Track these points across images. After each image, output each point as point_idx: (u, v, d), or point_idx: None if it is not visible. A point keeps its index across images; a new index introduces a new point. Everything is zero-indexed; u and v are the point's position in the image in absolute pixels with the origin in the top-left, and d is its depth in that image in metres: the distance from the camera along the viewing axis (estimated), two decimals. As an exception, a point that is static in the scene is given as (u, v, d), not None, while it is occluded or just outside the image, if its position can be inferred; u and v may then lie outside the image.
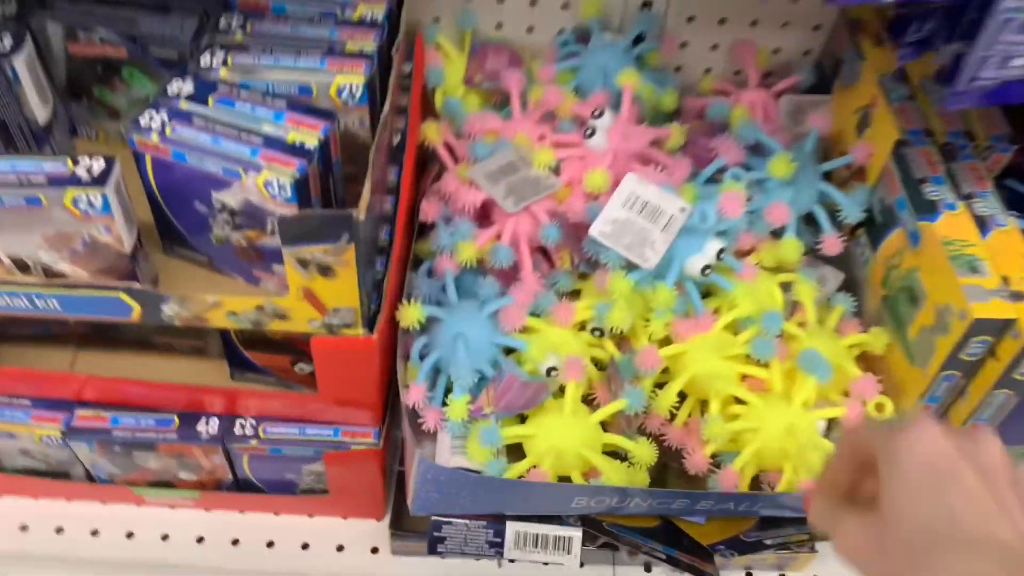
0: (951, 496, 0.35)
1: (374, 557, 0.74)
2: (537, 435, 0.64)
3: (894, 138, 0.69)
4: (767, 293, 0.70)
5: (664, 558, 0.66)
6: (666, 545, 0.67)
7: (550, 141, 0.72)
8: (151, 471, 0.71)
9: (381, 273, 0.63)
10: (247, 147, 0.54)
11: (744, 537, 0.68)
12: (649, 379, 0.68)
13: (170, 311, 0.58)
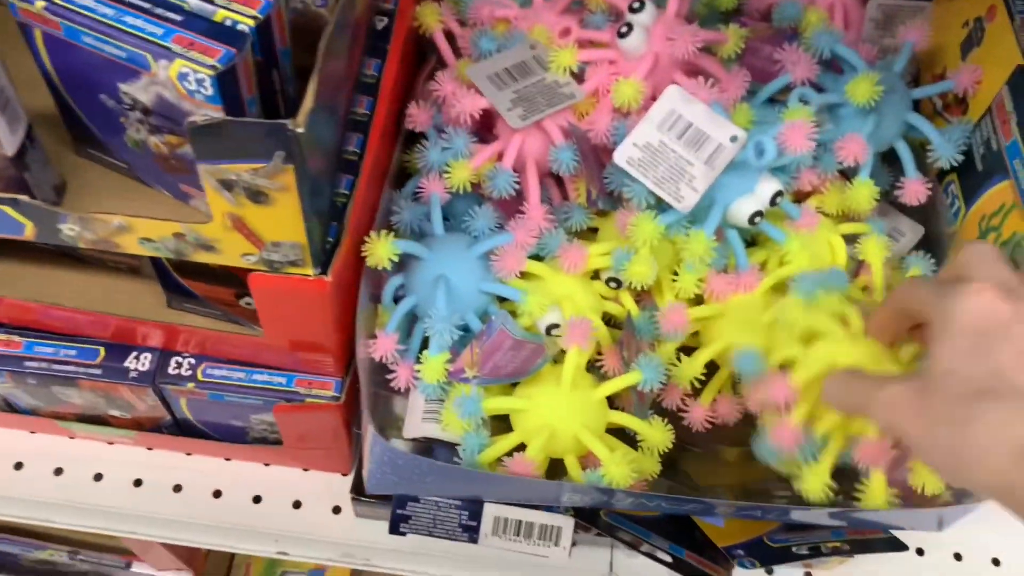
0: (1001, 352, 0.35)
1: (335, 518, 0.64)
2: (528, 409, 0.52)
3: (1014, 62, 0.54)
4: (827, 247, 0.57)
5: (670, 560, 0.55)
6: (673, 543, 0.56)
7: (575, 38, 0.58)
8: (76, 406, 0.61)
9: (347, 196, 0.50)
10: (159, 26, 0.41)
11: (769, 541, 0.56)
12: (672, 344, 0.55)
13: (70, 231, 0.46)
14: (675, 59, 0.55)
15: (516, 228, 0.54)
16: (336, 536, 0.63)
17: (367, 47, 0.55)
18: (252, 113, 0.43)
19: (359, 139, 0.52)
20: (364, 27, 0.54)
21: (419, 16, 0.59)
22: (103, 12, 0.41)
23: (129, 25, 0.41)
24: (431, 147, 0.56)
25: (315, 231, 0.45)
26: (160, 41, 0.40)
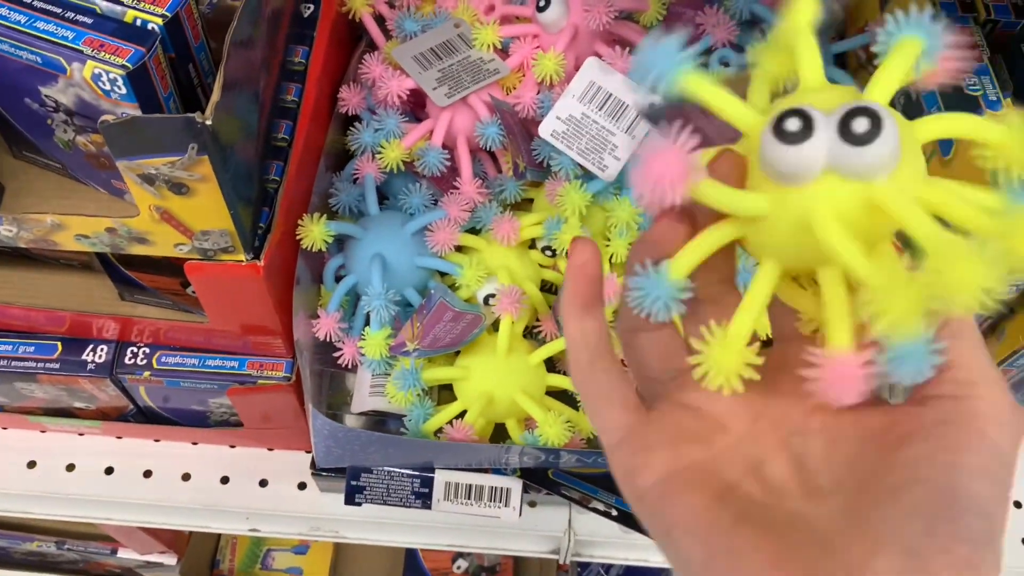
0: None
1: (301, 493, 0.66)
2: (466, 377, 0.54)
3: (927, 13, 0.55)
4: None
5: (616, 514, 0.57)
6: (619, 497, 0.58)
7: (499, 14, 0.59)
8: (42, 400, 0.63)
9: (277, 181, 0.52)
10: (70, 30, 0.42)
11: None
12: (609, 308, 0.57)
13: (7, 232, 0.48)
14: (595, 30, 0.56)
15: (448, 204, 0.55)
16: (303, 511, 0.66)
17: (293, 35, 0.56)
18: (171, 108, 0.45)
19: (288, 125, 0.54)
20: (287, 15, 0.55)
21: (347, 0, 0.61)
22: (15, 19, 0.42)
23: (41, 30, 0.42)
24: (364, 129, 0.58)
25: (244, 217, 0.47)
26: (72, 44, 0.42)
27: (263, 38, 0.50)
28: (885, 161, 0.23)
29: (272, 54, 0.52)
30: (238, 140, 0.45)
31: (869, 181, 0.24)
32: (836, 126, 0.23)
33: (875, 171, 0.23)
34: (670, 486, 0.26)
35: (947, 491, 0.23)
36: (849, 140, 0.23)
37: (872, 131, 0.23)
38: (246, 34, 0.46)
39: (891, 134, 0.23)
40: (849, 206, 0.24)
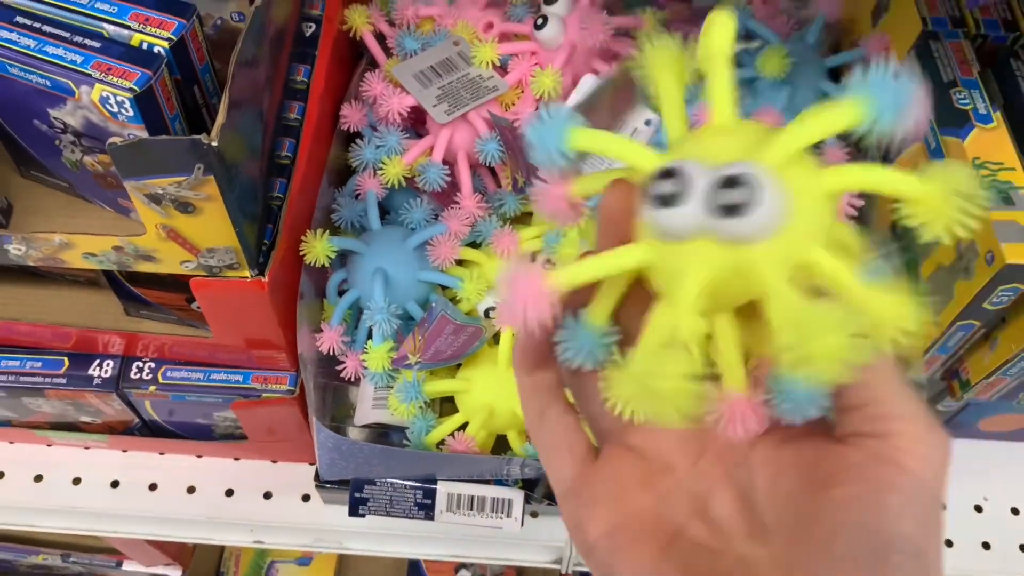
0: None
1: (305, 505, 0.67)
2: (467, 390, 0.55)
3: (918, 28, 0.56)
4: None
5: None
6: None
7: (498, 32, 0.60)
8: (49, 414, 0.63)
9: (281, 199, 0.53)
10: (79, 54, 0.43)
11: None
12: (608, 320, 0.58)
13: (16, 251, 0.48)
14: (591, 47, 0.57)
15: (449, 219, 0.56)
16: (307, 523, 0.66)
17: (296, 54, 0.57)
18: (176, 129, 0.46)
19: (291, 143, 0.55)
20: (290, 35, 0.56)
21: (348, 19, 0.62)
22: (25, 44, 0.43)
23: (50, 55, 0.43)
24: (365, 145, 0.59)
25: (248, 235, 0.48)
26: (80, 68, 0.43)
27: (266, 58, 0.51)
28: (760, 230, 0.22)
29: (275, 73, 0.53)
30: (243, 159, 0.46)
31: (744, 246, 0.23)
32: (710, 193, 0.23)
33: (749, 239, 0.23)
34: (617, 539, 0.26)
35: (875, 534, 0.24)
36: (719, 211, 0.22)
37: (745, 204, 0.22)
38: (250, 55, 0.47)
39: (767, 205, 0.22)
40: (720, 269, 0.23)
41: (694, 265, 0.23)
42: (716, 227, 0.22)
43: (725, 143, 0.24)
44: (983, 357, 0.55)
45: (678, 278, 0.24)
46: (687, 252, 0.23)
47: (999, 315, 0.51)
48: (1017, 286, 0.48)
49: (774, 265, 0.23)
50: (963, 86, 0.53)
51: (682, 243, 0.23)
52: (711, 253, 0.23)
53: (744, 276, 0.23)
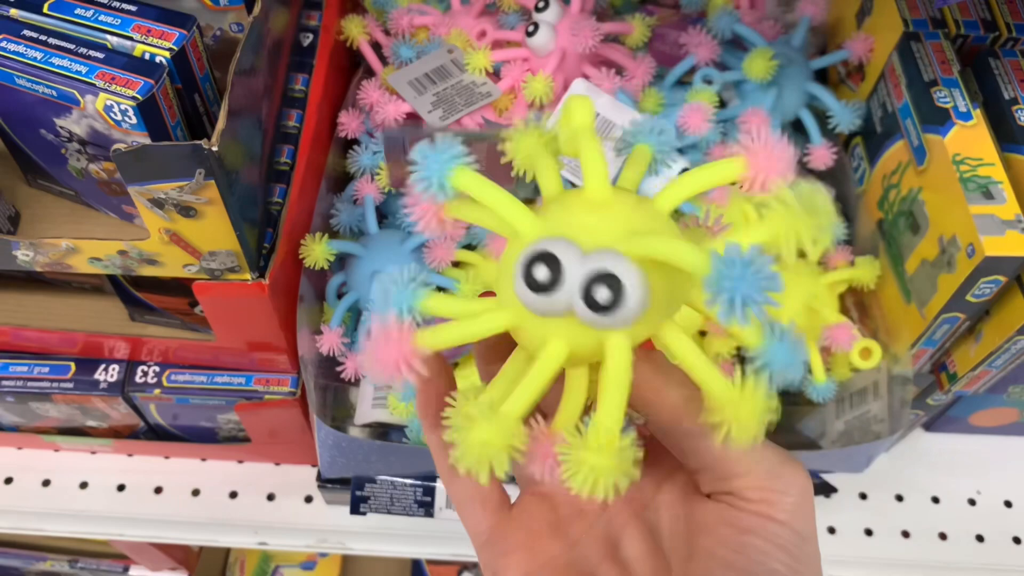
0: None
1: (308, 506, 0.68)
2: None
3: (900, 29, 0.57)
4: (741, 217, 0.60)
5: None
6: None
7: (491, 39, 0.61)
8: (56, 419, 0.65)
9: (280, 204, 0.54)
10: (83, 64, 0.45)
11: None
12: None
13: (24, 256, 0.50)
14: (582, 52, 0.59)
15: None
16: (310, 524, 0.67)
17: (294, 63, 0.59)
18: (178, 136, 0.47)
19: (290, 150, 0.56)
20: (288, 45, 0.58)
21: (344, 29, 0.63)
22: (32, 56, 0.45)
23: (56, 66, 0.45)
24: (363, 152, 0.60)
25: (249, 238, 0.49)
26: (85, 78, 0.44)
27: (265, 67, 0.52)
28: (623, 322, 0.24)
29: (273, 82, 0.55)
30: (243, 165, 0.47)
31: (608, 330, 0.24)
32: (579, 289, 0.24)
33: (613, 328, 0.24)
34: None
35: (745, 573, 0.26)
36: (590, 306, 0.23)
37: (611, 302, 0.23)
38: (248, 64, 0.48)
39: (632, 304, 0.23)
40: (582, 347, 0.25)
41: (557, 340, 0.25)
42: (585, 317, 0.24)
43: (597, 223, 0.25)
44: (969, 350, 0.56)
45: (541, 346, 0.25)
46: (552, 327, 0.25)
47: (983, 308, 0.52)
48: (998, 278, 0.49)
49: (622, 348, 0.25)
50: (944, 85, 0.54)
51: (548, 319, 0.25)
52: (574, 331, 0.25)
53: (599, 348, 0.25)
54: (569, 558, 0.28)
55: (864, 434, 0.58)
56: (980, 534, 0.68)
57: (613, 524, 0.29)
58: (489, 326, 0.26)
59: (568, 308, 0.24)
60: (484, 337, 0.26)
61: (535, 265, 0.24)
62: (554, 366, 0.25)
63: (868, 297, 0.60)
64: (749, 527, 0.26)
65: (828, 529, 0.67)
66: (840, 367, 0.58)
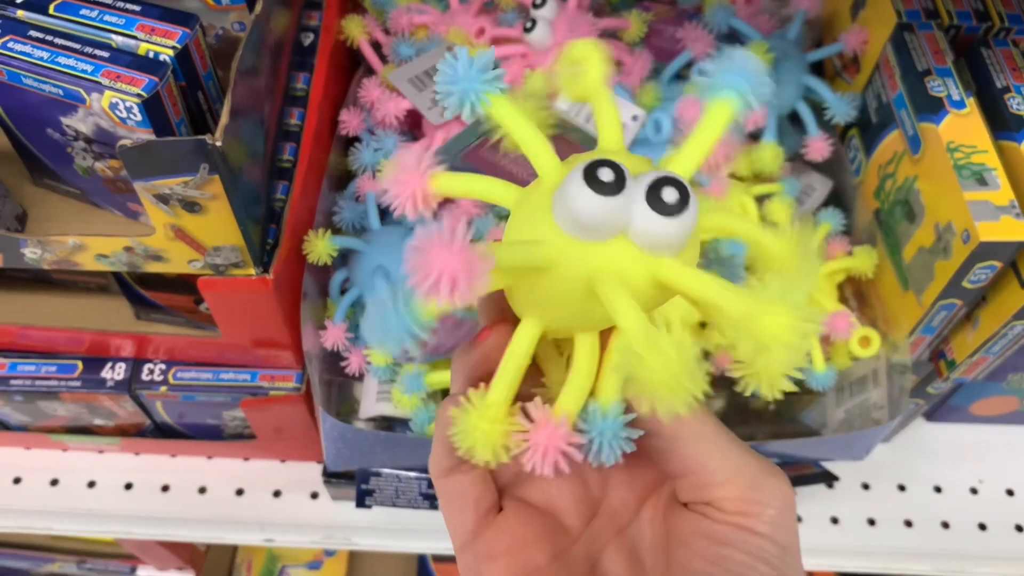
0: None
1: (313, 502, 0.69)
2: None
3: (893, 21, 0.58)
4: (740, 209, 0.61)
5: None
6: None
7: (489, 36, 0.62)
8: (63, 418, 0.65)
9: (283, 200, 0.55)
10: (89, 63, 0.45)
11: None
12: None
13: (32, 254, 0.51)
14: (579, 47, 0.59)
15: (446, 217, 0.58)
16: (316, 520, 0.68)
17: (295, 62, 0.60)
18: (182, 132, 0.48)
19: (292, 148, 0.57)
20: (289, 45, 0.59)
21: (345, 29, 0.64)
22: (39, 55, 0.46)
23: (63, 65, 0.45)
24: (364, 149, 0.61)
25: (252, 234, 0.50)
26: (91, 77, 0.45)
27: (266, 67, 0.53)
28: (684, 238, 0.22)
29: (275, 81, 0.56)
30: (246, 161, 0.48)
31: (659, 255, 0.23)
32: (645, 191, 0.22)
33: (672, 246, 0.22)
34: None
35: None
36: (657, 208, 0.22)
37: (680, 204, 0.22)
38: (250, 63, 0.49)
39: (694, 211, 0.22)
40: (636, 276, 0.23)
41: (615, 265, 0.23)
42: (650, 227, 0.22)
43: (629, 160, 0.24)
44: (966, 337, 0.57)
45: (597, 279, 0.23)
46: (610, 254, 0.23)
47: (979, 294, 0.53)
48: (994, 263, 0.50)
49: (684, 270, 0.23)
50: (937, 74, 0.55)
51: (599, 244, 0.23)
52: (634, 256, 0.23)
53: (656, 286, 0.23)
54: (552, 571, 0.27)
55: (864, 422, 0.58)
56: (982, 523, 0.68)
57: (596, 542, 0.28)
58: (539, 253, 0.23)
59: (625, 221, 0.22)
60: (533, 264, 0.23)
61: (598, 168, 0.22)
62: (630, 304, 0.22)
63: (867, 286, 0.61)
64: (727, 539, 0.25)
65: (831, 519, 0.67)
66: (840, 356, 0.58)
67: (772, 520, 0.25)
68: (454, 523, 0.28)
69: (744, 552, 0.25)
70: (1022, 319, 0.52)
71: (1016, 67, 0.55)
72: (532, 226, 0.24)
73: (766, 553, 0.25)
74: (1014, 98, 0.54)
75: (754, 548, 0.25)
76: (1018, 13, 0.57)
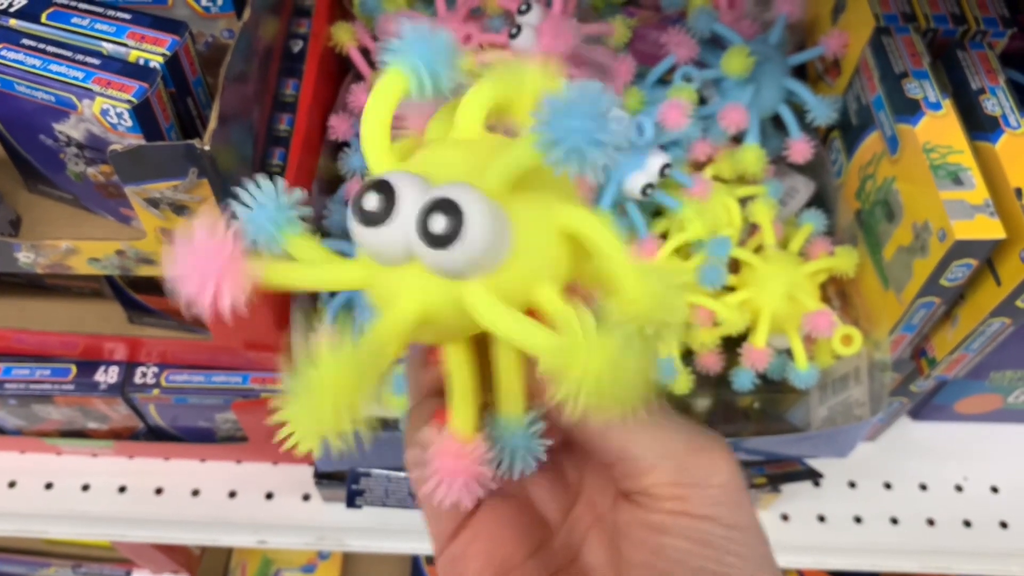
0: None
1: (305, 504, 0.69)
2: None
3: (871, 24, 0.59)
4: (723, 211, 0.62)
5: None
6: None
7: (476, 42, 0.63)
8: (57, 422, 0.66)
9: (273, 205, 0.56)
10: (80, 70, 0.46)
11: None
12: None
13: (26, 258, 0.51)
14: (564, 53, 0.60)
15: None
16: (308, 521, 0.69)
17: (284, 69, 0.61)
18: (172, 137, 0.49)
19: (281, 152, 0.58)
20: (278, 51, 0.60)
21: (334, 35, 0.65)
22: (31, 63, 0.47)
23: (54, 72, 0.46)
24: (353, 154, 0.62)
25: (242, 238, 0.51)
26: (82, 83, 0.46)
27: (255, 73, 0.54)
28: (471, 264, 0.20)
29: (265, 87, 0.56)
30: (235, 166, 0.49)
31: (459, 279, 0.21)
32: (416, 219, 0.20)
33: (459, 273, 0.20)
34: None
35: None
36: (425, 239, 0.20)
37: (450, 233, 0.19)
38: (239, 69, 0.50)
39: (475, 235, 0.19)
40: (437, 305, 0.21)
41: (409, 292, 0.21)
42: (424, 257, 0.20)
43: (454, 157, 0.22)
44: (946, 334, 0.58)
45: (388, 304, 0.21)
46: (399, 278, 0.21)
47: (957, 292, 0.54)
48: (969, 261, 0.51)
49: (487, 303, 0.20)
50: (914, 77, 0.56)
51: (396, 268, 0.21)
52: (426, 284, 0.21)
53: (462, 311, 0.21)
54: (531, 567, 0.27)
55: (847, 419, 0.59)
56: (967, 520, 0.69)
57: (575, 532, 0.28)
58: (337, 276, 0.22)
59: (407, 250, 0.20)
60: (327, 287, 0.23)
61: (366, 194, 0.20)
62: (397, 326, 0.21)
63: (849, 286, 0.62)
64: (663, 527, 0.24)
65: (818, 517, 0.68)
66: (822, 354, 0.59)
67: (713, 500, 0.24)
68: (431, 527, 0.28)
69: (683, 538, 0.24)
70: (999, 316, 0.53)
71: (991, 69, 0.56)
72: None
73: (710, 536, 0.24)
74: (989, 99, 0.55)
75: (694, 532, 0.24)
76: (994, 16, 0.58)
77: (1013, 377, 0.65)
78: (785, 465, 0.62)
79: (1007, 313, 0.53)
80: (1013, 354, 0.61)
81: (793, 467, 0.62)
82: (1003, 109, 0.55)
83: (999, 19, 0.58)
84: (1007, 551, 0.67)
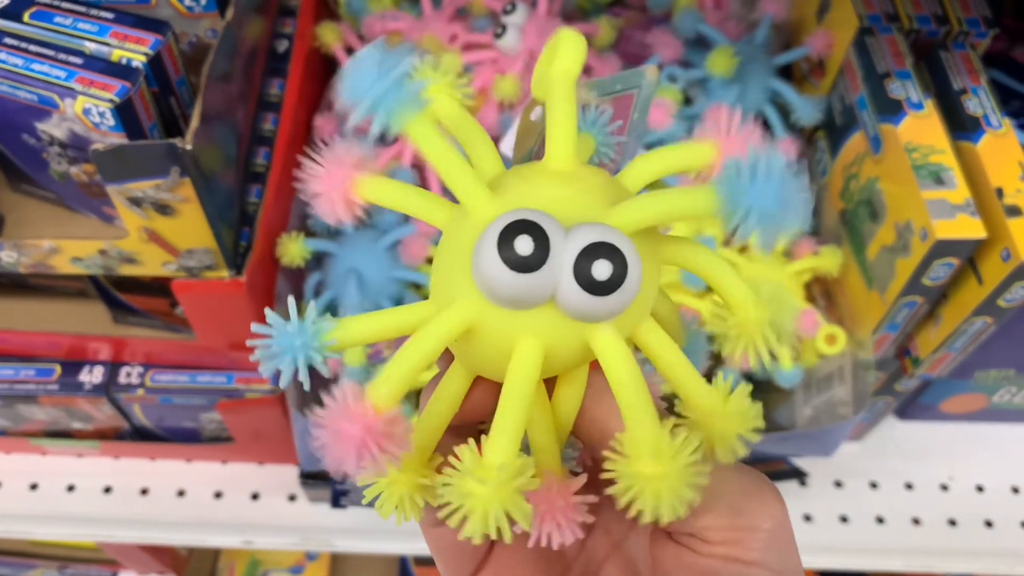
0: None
1: (291, 505, 0.69)
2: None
3: (855, 25, 0.59)
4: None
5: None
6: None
7: (462, 42, 0.63)
8: (42, 422, 0.66)
9: (257, 204, 0.56)
10: (63, 70, 0.46)
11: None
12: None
13: (8, 258, 0.51)
14: (549, 53, 0.60)
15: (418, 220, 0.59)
16: (294, 522, 0.69)
17: (269, 68, 0.61)
18: (155, 136, 0.49)
19: (266, 152, 0.58)
20: (263, 51, 0.60)
21: (319, 35, 0.65)
22: (13, 63, 0.46)
23: (37, 71, 0.46)
24: (338, 154, 0.62)
25: (225, 236, 0.50)
26: (64, 83, 0.46)
27: (239, 73, 0.54)
28: (619, 307, 0.19)
29: (249, 87, 0.56)
30: (218, 165, 0.49)
31: (593, 322, 0.20)
32: (572, 261, 0.19)
33: (599, 317, 0.20)
34: None
35: None
36: (586, 285, 0.19)
37: (615, 280, 0.19)
38: (222, 69, 0.50)
39: (634, 281, 0.19)
40: (562, 347, 0.20)
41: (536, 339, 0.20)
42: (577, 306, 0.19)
43: (571, 196, 0.21)
44: (930, 334, 0.58)
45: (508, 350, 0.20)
46: (522, 323, 0.20)
47: (939, 291, 0.54)
48: (951, 261, 0.51)
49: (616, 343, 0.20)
50: (897, 77, 0.56)
51: (516, 314, 0.20)
52: (551, 328, 0.20)
53: (580, 353, 0.21)
54: None
55: (831, 419, 0.59)
56: (953, 519, 0.69)
57: (593, 561, 0.27)
58: (447, 329, 0.20)
59: (549, 294, 0.19)
60: (442, 347, 0.21)
61: (517, 237, 0.19)
62: (532, 373, 0.20)
63: (833, 285, 0.62)
64: (713, 572, 0.23)
65: (804, 517, 0.68)
66: (807, 354, 0.60)
67: (763, 544, 0.23)
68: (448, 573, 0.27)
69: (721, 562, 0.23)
70: (981, 315, 0.53)
71: (973, 69, 0.57)
72: (451, 280, 0.21)
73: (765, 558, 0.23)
74: (971, 100, 0.55)
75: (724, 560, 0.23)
76: (976, 17, 0.58)
77: (998, 376, 0.65)
78: (771, 464, 0.62)
79: (989, 312, 0.53)
80: (997, 353, 0.62)
81: (779, 466, 0.62)
82: (985, 109, 0.55)
83: (981, 20, 0.58)
84: (992, 550, 0.67)
